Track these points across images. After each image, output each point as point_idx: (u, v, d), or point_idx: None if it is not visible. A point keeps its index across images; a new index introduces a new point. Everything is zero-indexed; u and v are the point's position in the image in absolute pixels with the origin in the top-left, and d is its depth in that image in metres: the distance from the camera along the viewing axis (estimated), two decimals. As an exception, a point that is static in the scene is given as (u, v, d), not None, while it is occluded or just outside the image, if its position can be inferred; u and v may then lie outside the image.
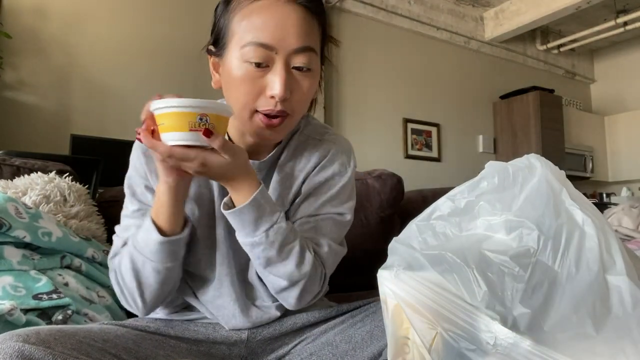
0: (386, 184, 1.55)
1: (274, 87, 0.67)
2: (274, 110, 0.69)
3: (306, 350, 0.79)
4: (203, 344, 0.79)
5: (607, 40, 5.57)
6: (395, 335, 0.57)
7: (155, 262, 0.70)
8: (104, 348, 0.62)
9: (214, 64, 0.77)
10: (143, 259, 0.70)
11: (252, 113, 0.71)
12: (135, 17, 3.22)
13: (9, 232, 0.88)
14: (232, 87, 0.71)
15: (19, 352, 0.52)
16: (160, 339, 0.74)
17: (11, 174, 1.20)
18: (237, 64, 0.69)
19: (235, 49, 0.69)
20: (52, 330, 0.59)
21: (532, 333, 0.45)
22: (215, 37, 0.75)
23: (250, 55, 0.67)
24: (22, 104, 2.79)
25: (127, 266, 0.72)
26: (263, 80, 0.68)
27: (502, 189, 0.56)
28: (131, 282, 0.72)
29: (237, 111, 0.71)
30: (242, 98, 0.69)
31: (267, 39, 0.66)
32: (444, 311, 0.51)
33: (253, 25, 0.67)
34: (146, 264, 0.71)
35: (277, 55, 0.67)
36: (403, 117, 4.48)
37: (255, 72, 0.68)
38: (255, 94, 0.69)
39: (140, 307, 0.74)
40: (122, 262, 0.74)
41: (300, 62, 0.68)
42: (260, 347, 0.81)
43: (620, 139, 5.68)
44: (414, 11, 4.55)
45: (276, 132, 0.72)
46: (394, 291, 0.57)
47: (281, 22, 0.67)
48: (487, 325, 0.47)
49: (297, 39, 0.67)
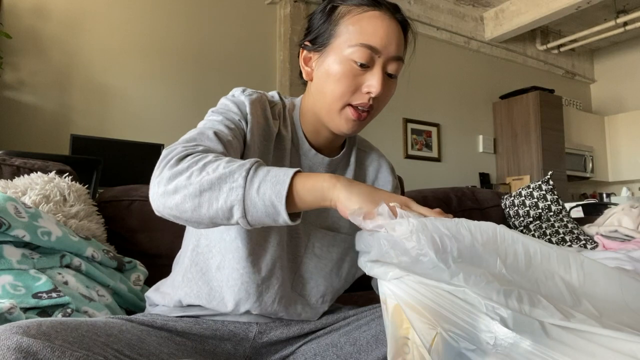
0: (386, 184, 1.55)
1: (373, 84, 0.76)
2: (367, 105, 0.77)
3: (310, 351, 0.80)
4: (209, 341, 0.78)
5: (607, 40, 5.58)
6: (395, 335, 0.57)
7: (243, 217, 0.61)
8: (107, 343, 0.61)
9: (305, 58, 0.84)
10: (240, 198, 0.59)
11: (344, 106, 0.78)
12: (135, 17, 3.22)
13: (8, 232, 0.88)
14: (331, 80, 0.78)
15: (17, 345, 0.51)
16: (166, 335, 0.74)
17: (11, 174, 1.20)
18: (341, 61, 0.76)
19: (340, 48, 0.77)
20: (54, 323, 0.58)
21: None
22: (315, 35, 0.82)
23: (357, 54, 0.75)
24: (22, 104, 2.79)
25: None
26: (362, 78, 0.77)
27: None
28: (198, 186, 0.61)
29: (329, 103, 0.79)
30: (339, 91, 0.77)
31: (376, 43, 0.76)
32: (444, 311, 0.51)
33: (364, 30, 0.76)
34: (235, 205, 0.60)
35: (379, 59, 0.76)
36: (403, 117, 4.48)
37: (357, 70, 0.76)
38: (353, 88, 0.77)
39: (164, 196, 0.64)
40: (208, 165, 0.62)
41: (392, 69, 0.79)
42: (265, 348, 0.81)
43: (620, 139, 5.68)
44: (414, 11, 4.55)
45: (360, 124, 0.80)
46: (393, 291, 0.57)
47: (388, 31, 0.77)
48: (487, 325, 0.47)
49: (396, 48, 0.78)
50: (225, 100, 0.81)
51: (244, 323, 0.81)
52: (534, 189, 1.93)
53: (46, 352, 0.52)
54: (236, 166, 0.60)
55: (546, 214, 1.87)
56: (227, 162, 0.61)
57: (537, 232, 1.83)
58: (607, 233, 1.75)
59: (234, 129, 0.75)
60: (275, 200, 0.58)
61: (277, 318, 0.82)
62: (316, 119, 0.84)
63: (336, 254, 0.86)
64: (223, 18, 3.50)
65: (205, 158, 0.63)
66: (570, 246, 1.71)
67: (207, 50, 3.43)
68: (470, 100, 5.01)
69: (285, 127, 0.85)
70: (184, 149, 0.66)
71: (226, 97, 0.82)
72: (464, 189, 2.00)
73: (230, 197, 0.59)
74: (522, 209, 1.90)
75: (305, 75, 0.84)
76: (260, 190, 0.59)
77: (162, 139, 2.97)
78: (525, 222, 1.88)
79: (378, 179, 0.95)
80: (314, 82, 0.82)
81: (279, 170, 0.60)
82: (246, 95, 0.80)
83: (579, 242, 1.74)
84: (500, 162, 5.18)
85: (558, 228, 1.81)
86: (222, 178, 0.60)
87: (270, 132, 0.82)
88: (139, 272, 1.17)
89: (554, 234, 1.79)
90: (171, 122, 3.23)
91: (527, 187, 1.96)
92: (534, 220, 1.87)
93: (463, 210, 1.83)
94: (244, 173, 0.59)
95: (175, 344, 0.74)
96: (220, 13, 3.52)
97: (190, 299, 0.80)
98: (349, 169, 0.92)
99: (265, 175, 0.60)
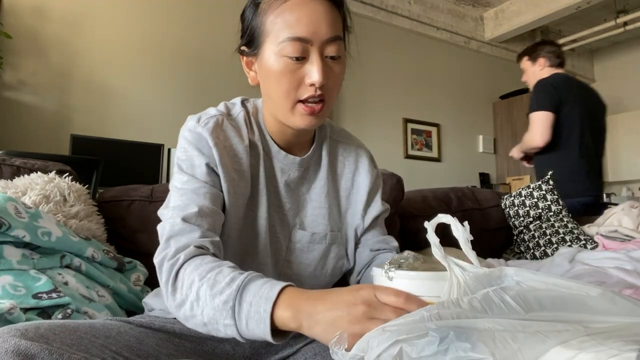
0: (386, 184, 1.55)
1: (313, 75, 0.73)
2: (315, 96, 0.74)
3: (311, 351, 0.80)
4: (207, 342, 0.78)
5: (607, 40, 5.58)
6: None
7: (241, 339, 0.64)
8: (105, 345, 0.61)
9: (247, 63, 0.82)
10: (233, 329, 0.63)
11: (294, 103, 0.76)
12: (135, 17, 3.22)
13: (8, 232, 0.88)
14: (272, 81, 0.76)
15: (16, 347, 0.51)
16: (164, 337, 0.74)
17: (11, 174, 1.20)
18: (276, 59, 0.74)
19: (271, 46, 0.74)
20: (53, 325, 0.58)
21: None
22: (248, 38, 0.79)
23: (288, 49, 0.72)
24: (22, 104, 2.79)
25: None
26: (301, 72, 0.74)
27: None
28: (202, 318, 0.65)
29: (278, 104, 0.77)
30: (283, 90, 0.75)
31: (304, 33, 0.72)
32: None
33: (287, 23, 0.72)
34: (228, 333, 0.64)
35: (312, 47, 0.73)
36: (403, 117, 4.48)
37: (294, 65, 0.73)
38: (296, 84, 0.74)
39: (177, 313, 0.69)
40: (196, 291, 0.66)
41: (332, 51, 0.75)
42: (264, 348, 0.81)
43: (620, 139, 5.68)
44: (414, 11, 4.55)
45: (317, 118, 0.77)
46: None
47: (313, 17, 0.73)
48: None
49: (327, 30, 0.73)
50: (184, 144, 0.79)
51: None
52: (534, 189, 1.93)
53: (44, 355, 0.52)
54: (222, 303, 0.62)
55: (546, 214, 1.87)
56: (212, 293, 0.63)
57: (537, 232, 1.83)
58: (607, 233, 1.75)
59: (204, 183, 0.76)
60: (264, 336, 0.60)
61: None
62: (277, 120, 0.82)
63: (317, 252, 0.87)
64: (223, 18, 3.50)
65: (193, 286, 0.65)
66: (570, 246, 1.71)
67: (207, 50, 3.43)
68: (470, 100, 5.01)
69: (253, 133, 0.84)
70: (173, 262, 0.69)
71: (184, 135, 0.80)
72: (464, 189, 2.00)
73: (228, 331, 0.63)
74: (522, 209, 1.90)
75: (251, 80, 0.82)
76: (249, 327, 0.61)
77: (162, 139, 2.97)
78: (526, 222, 1.88)
79: (358, 171, 0.93)
80: (260, 85, 0.81)
81: (259, 301, 0.60)
82: (202, 125, 0.79)
83: (579, 242, 1.74)
84: (500, 162, 5.17)
85: (558, 228, 1.81)
86: (215, 318, 0.63)
87: (241, 147, 0.81)
88: (139, 272, 1.17)
89: (554, 234, 1.79)
90: (171, 122, 3.22)
91: (527, 187, 1.96)
92: (534, 220, 1.87)
93: (463, 210, 1.83)
94: (230, 312, 0.61)
95: (174, 345, 0.74)
96: (220, 13, 3.52)
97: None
98: (322, 164, 0.90)
99: (249, 311, 0.60)
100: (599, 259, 1.38)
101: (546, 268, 1.45)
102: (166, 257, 0.71)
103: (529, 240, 1.85)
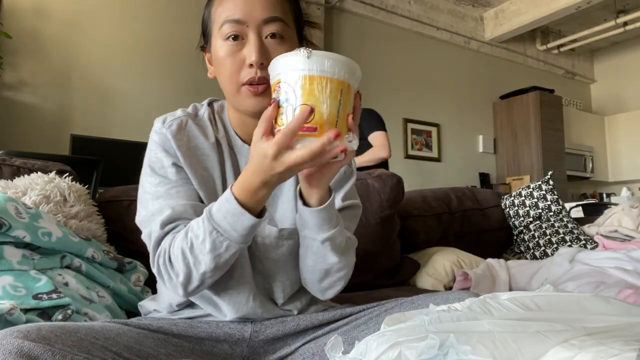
0: (386, 184, 1.55)
1: (249, 54, 0.74)
2: (255, 78, 0.75)
3: (309, 351, 0.80)
4: (206, 342, 0.79)
5: (607, 40, 5.58)
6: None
7: (242, 244, 0.71)
8: (105, 346, 0.62)
9: (208, 58, 0.85)
10: (228, 242, 0.70)
11: (239, 87, 0.77)
12: (135, 18, 3.22)
13: (8, 232, 0.88)
14: (220, 67, 0.78)
15: (19, 349, 0.52)
16: (162, 338, 0.74)
17: (11, 174, 1.20)
18: (220, 45, 0.77)
19: (216, 34, 0.78)
20: (54, 327, 0.58)
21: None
22: (203, 32, 0.83)
23: (226, 31, 0.75)
24: (22, 104, 2.79)
25: (205, 250, 0.71)
26: (242, 54, 0.76)
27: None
28: (210, 263, 0.71)
29: (228, 90, 0.78)
30: (227, 73, 0.77)
31: (238, 14, 0.75)
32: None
33: (225, 8, 0.76)
34: (231, 247, 0.70)
35: (248, 28, 0.75)
36: (403, 117, 4.48)
37: (234, 47, 0.76)
38: (237, 67, 0.76)
39: (195, 286, 0.74)
40: (189, 244, 0.72)
41: (270, 30, 0.76)
42: (262, 347, 0.81)
43: (620, 139, 5.68)
44: (414, 11, 4.55)
45: (263, 99, 0.76)
46: None
47: (248, 0, 0.75)
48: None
49: (263, 11, 0.75)
50: (153, 146, 0.82)
51: (238, 323, 0.81)
52: (534, 189, 1.93)
53: (47, 356, 0.53)
54: (209, 241, 0.69)
55: (546, 214, 1.87)
56: (198, 242, 0.70)
57: (537, 232, 1.83)
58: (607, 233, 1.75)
59: (175, 182, 0.79)
60: (250, 221, 0.68)
61: (264, 318, 0.82)
62: (237, 111, 0.83)
63: (286, 247, 0.85)
64: (223, 18, 3.50)
65: (185, 253, 0.71)
66: (570, 246, 1.71)
67: (207, 50, 3.43)
68: (470, 100, 5.01)
69: (217, 131, 0.85)
70: (165, 258, 0.74)
71: (152, 136, 0.83)
72: (464, 189, 2.00)
73: (231, 250, 0.70)
74: (522, 209, 1.90)
75: (209, 73, 0.85)
76: (237, 229, 0.68)
77: (162, 139, 2.96)
78: (525, 222, 1.88)
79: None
80: (217, 78, 0.83)
81: (227, 207, 0.68)
82: (167, 127, 0.81)
83: (579, 242, 1.74)
84: (500, 162, 5.18)
85: (558, 228, 1.81)
86: (215, 253, 0.70)
87: (207, 145, 0.82)
88: (139, 272, 1.17)
89: (554, 234, 1.79)
90: (171, 122, 3.23)
91: (527, 187, 1.96)
92: (534, 220, 1.87)
93: (463, 210, 1.83)
94: (217, 236, 0.69)
95: (173, 345, 0.74)
96: (220, 13, 3.52)
97: (180, 300, 0.83)
98: None
99: (228, 222, 0.68)
100: (599, 259, 1.38)
101: (546, 268, 1.45)
102: (159, 261, 0.74)
103: (529, 240, 1.85)
